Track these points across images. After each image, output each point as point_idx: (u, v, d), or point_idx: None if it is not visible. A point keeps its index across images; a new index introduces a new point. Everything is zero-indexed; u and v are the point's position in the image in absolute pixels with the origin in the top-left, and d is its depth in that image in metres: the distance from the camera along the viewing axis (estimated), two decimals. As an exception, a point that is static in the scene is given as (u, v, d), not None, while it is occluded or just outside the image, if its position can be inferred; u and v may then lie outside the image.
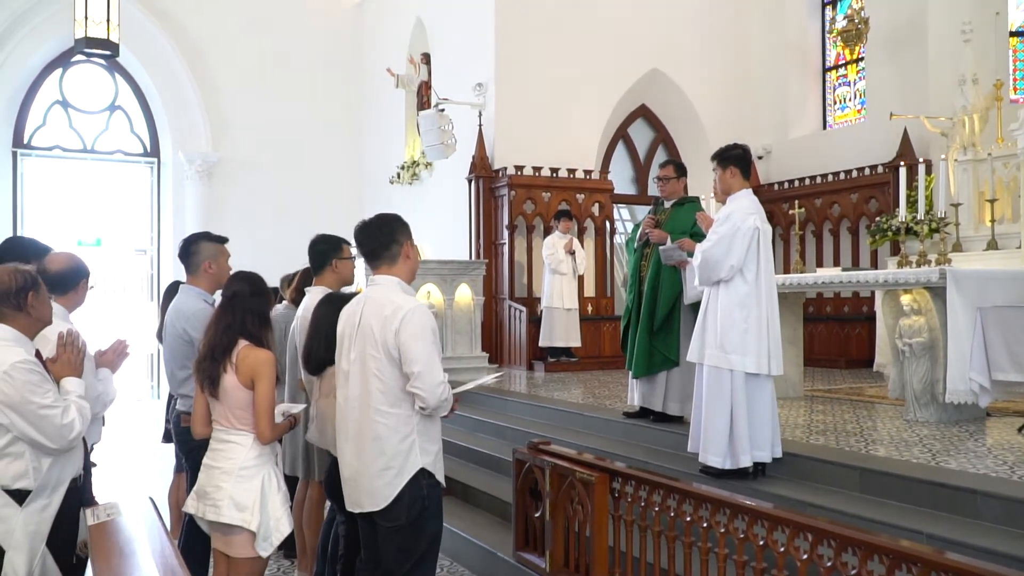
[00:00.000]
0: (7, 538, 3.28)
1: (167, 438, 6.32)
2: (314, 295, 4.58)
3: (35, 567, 3.35)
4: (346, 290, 4.86)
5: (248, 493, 3.61)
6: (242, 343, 3.70)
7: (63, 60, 14.71)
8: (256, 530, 3.60)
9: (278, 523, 3.66)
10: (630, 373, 6.52)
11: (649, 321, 6.23)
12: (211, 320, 3.84)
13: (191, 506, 3.74)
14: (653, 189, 6.92)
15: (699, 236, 5.71)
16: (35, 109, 14.74)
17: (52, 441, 3.34)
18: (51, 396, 3.33)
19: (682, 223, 6.24)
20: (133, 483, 8.16)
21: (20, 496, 3.34)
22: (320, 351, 4.20)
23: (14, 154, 14.45)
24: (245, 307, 3.76)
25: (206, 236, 4.74)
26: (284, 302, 5.73)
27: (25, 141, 14.64)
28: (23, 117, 14.60)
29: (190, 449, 4.49)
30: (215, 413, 3.74)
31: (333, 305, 4.10)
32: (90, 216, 15.01)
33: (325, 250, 4.67)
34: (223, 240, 4.72)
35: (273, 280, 6.31)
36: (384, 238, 3.68)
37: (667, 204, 6.54)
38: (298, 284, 5.49)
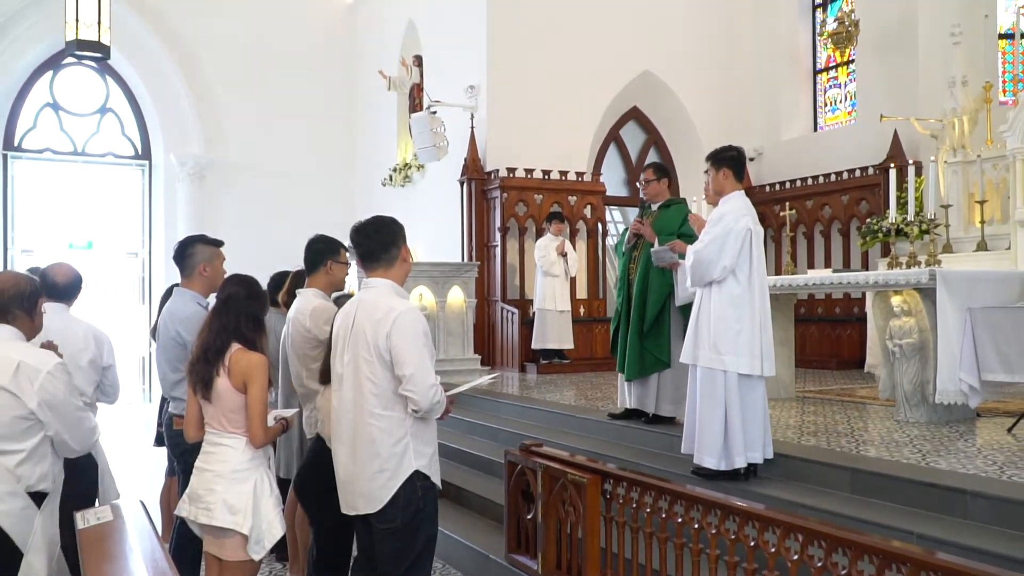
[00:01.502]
0: (26, 539, 3.32)
1: (159, 441, 6.29)
2: (305, 297, 4.55)
3: (52, 568, 3.40)
4: (336, 294, 4.84)
5: (241, 496, 3.61)
6: (235, 346, 3.70)
7: (54, 62, 14.67)
8: (248, 533, 3.59)
9: (270, 526, 3.65)
10: (621, 376, 6.53)
11: (639, 323, 6.24)
12: (205, 322, 3.83)
13: (183, 509, 3.73)
14: (643, 193, 7.01)
15: (686, 236, 5.75)
16: (26, 111, 14.69)
17: (79, 444, 3.47)
18: (81, 400, 3.51)
19: (669, 224, 6.23)
20: (125, 486, 8.12)
21: (38, 498, 3.41)
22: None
23: (4, 156, 14.40)
24: (239, 310, 3.76)
25: (202, 239, 4.72)
26: (276, 306, 5.64)
27: (15, 143, 14.59)
28: (13, 119, 14.55)
29: (182, 452, 4.48)
30: (207, 416, 3.73)
31: None
32: (81, 219, 14.96)
33: (322, 250, 4.64)
34: (219, 243, 4.71)
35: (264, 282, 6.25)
36: (382, 240, 3.68)
37: (654, 207, 6.53)
38: (290, 287, 5.43)
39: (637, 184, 6.78)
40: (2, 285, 3.47)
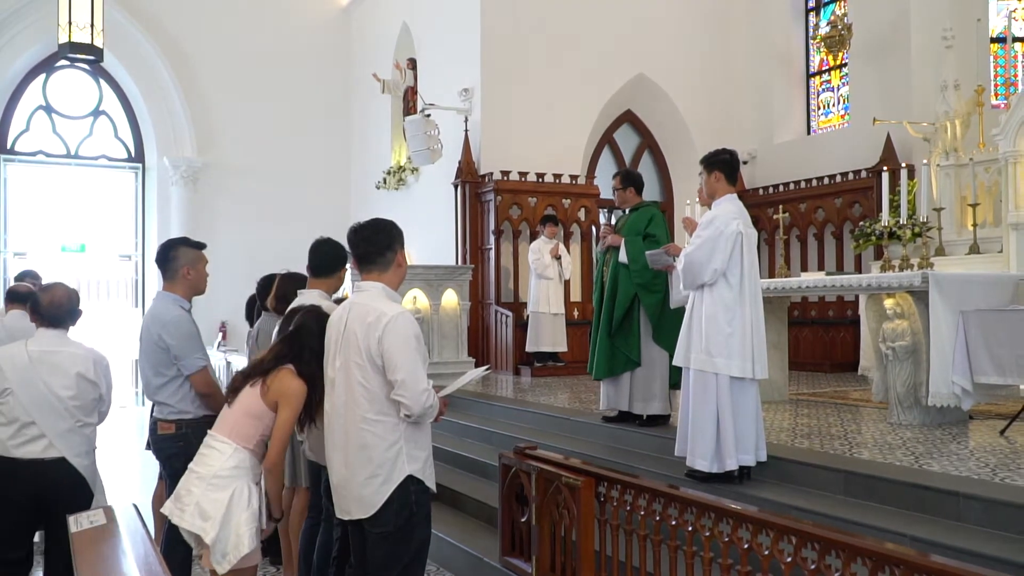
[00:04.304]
0: (95, 483, 4.53)
1: (150, 445, 6.25)
2: (311, 298, 4.41)
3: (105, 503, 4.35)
4: (334, 296, 4.81)
5: (214, 503, 3.53)
6: (287, 367, 3.71)
7: (47, 65, 14.65)
8: (211, 543, 3.50)
9: (238, 540, 3.53)
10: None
11: (608, 323, 6.39)
12: (273, 341, 3.99)
13: (167, 508, 3.67)
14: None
15: (651, 236, 6.31)
16: (19, 114, 14.67)
17: (106, 417, 4.64)
18: None
19: (635, 225, 6.51)
20: (117, 490, 8.10)
21: None
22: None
23: (-3, 159, 14.39)
24: (306, 343, 3.76)
25: (184, 242, 4.67)
26: (266, 310, 5.51)
27: (8, 146, 14.55)
28: (6, 122, 14.52)
29: (167, 457, 4.47)
30: (219, 416, 3.75)
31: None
32: (74, 222, 14.93)
33: (336, 257, 4.57)
34: (201, 246, 4.64)
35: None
36: (379, 244, 3.66)
37: (626, 211, 6.81)
38: (277, 292, 5.19)
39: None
40: (60, 298, 4.39)
